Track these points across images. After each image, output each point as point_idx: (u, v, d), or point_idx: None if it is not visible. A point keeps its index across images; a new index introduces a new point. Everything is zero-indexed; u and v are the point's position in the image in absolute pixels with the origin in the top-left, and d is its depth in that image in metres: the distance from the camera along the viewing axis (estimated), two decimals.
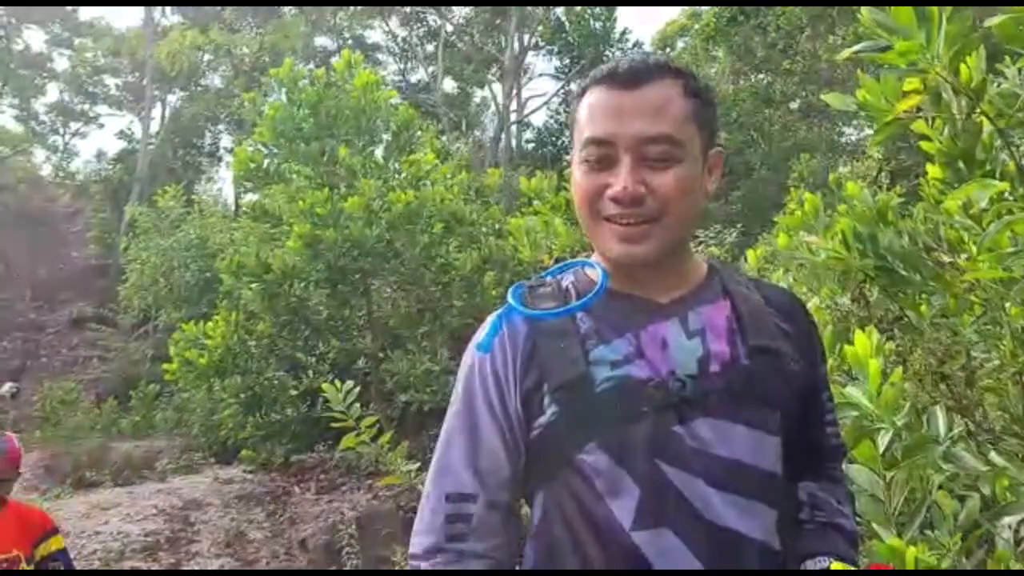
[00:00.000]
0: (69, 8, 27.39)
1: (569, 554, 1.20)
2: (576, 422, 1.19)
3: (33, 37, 27.42)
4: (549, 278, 1.36)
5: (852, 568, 1.21)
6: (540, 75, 30.43)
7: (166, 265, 14.48)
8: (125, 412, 15.58)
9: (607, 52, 20.72)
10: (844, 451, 1.41)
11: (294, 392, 10.03)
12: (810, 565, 1.23)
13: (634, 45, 20.55)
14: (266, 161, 10.02)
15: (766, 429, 1.20)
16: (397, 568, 5.88)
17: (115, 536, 7.39)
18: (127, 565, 7.18)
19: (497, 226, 10.01)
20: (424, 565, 1.26)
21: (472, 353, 1.32)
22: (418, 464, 7.12)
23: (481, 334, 1.32)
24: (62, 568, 2.98)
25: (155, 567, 7.37)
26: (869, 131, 8.74)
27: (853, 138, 14.74)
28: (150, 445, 13.38)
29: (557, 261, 7.78)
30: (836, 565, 1.19)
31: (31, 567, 2.85)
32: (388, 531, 7.47)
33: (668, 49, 13.11)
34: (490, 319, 1.32)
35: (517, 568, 1.29)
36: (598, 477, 1.18)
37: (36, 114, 29.40)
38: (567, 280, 1.34)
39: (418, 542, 1.28)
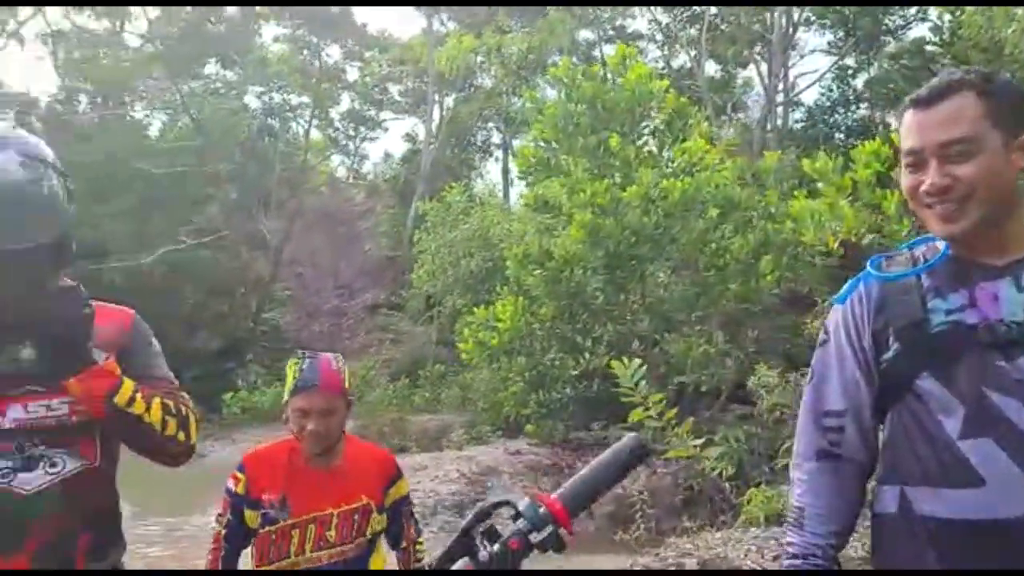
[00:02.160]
0: (360, 23, 30.37)
1: (912, 462, 1.50)
2: (913, 356, 1.52)
3: (332, 52, 30.53)
4: (905, 250, 1.68)
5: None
6: (811, 51, 28.99)
7: (452, 255, 15.79)
8: (415, 389, 17.25)
9: (885, 21, 19.41)
10: None
11: (573, 372, 10.64)
12: None
13: (917, 12, 19.06)
14: (546, 155, 10.71)
15: None
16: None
17: (428, 494, 8.38)
18: (440, 520, 8.12)
19: (772, 210, 9.93)
20: (807, 465, 1.62)
21: (834, 306, 1.68)
22: (702, 440, 7.42)
23: (842, 291, 1.67)
24: (412, 516, 2.63)
25: (461, 522, 8.24)
26: None
27: None
28: (441, 419, 14.76)
29: (842, 244, 7.62)
30: None
31: (381, 515, 2.47)
32: (669, 503, 7.78)
33: (958, 13, 12.07)
34: (849, 282, 1.67)
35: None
36: (931, 399, 1.48)
37: (332, 122, 32.95)
38: (919, 251, 1.64)
39: (803, 449, 1.65)
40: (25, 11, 27.27)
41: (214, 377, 18.52)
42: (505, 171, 29.11)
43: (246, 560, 2.45)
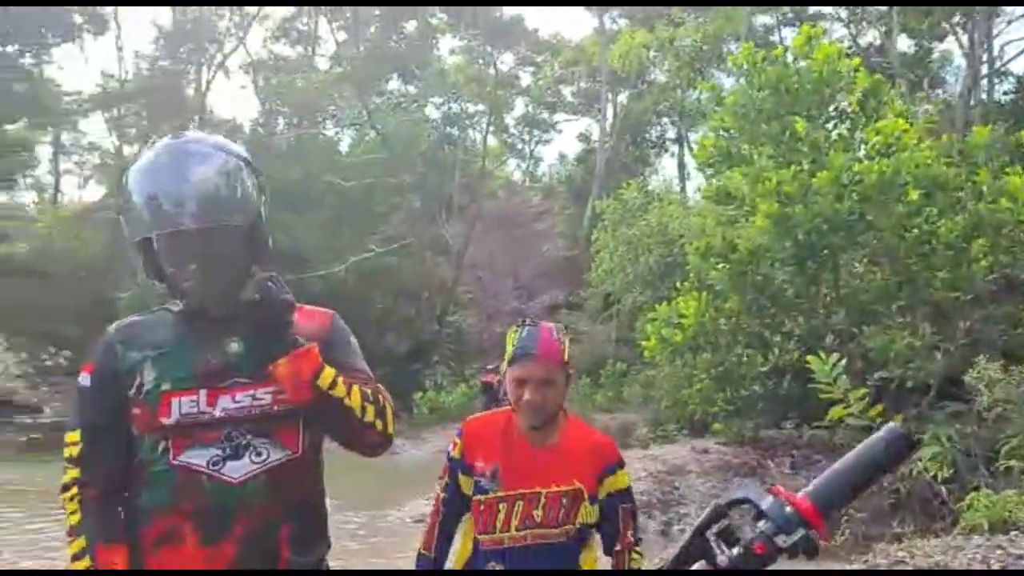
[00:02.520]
0: (531, 28, 30.80)
1: None
2: None
3: (506, 60, 31.14)
4: None
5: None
6: (1020, 17, 26.37)
7: (630, 252, 15.63)
8: (596, 388, 17.19)
9: None
10: None
11: (762, 369, 10.21)
12: None
13: None
14: (727, 145, 10.34)
15: None
16: None
17: None
18: None
19: (984, 188, 9.06)
20: None
21: None
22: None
23: None
24: (631, 511, 2.29)
25: (651, 524, 8.12)
26: None
27: None
28: (624, 418, 14.62)
29: None
30: None
31: (593, 507, 2.22)
32: (877, 507, 7.28)
33: None
34: None
35: None
36: None
37: (507, 128, 33.65)
38: None
39: None
40: (229, 44, 29.70)
41: (403, 378, 19.32)
42: (681, 165, 28.56)
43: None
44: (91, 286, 20.40)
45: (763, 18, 25.47)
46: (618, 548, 2.28)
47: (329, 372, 1.71)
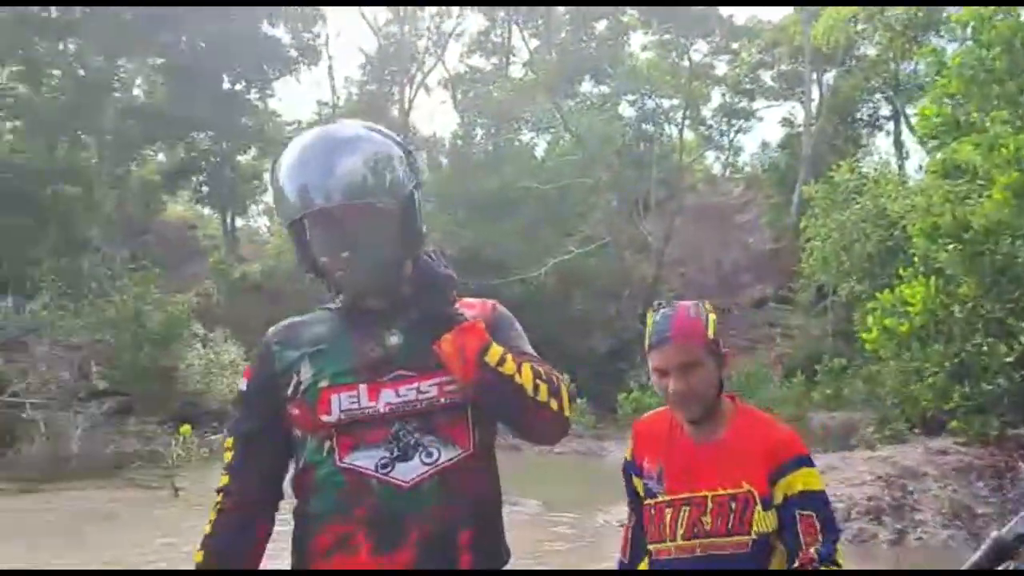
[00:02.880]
0: (725, 15, 29.75)
1: None
2: None
3: (700, 49, 30.29)
4: None
5: None
6: None
7: (845, 239, 14.59)
8: (813, 385, 16.20)
9: None
10: None
11: (1007, 360, 9.10)
12: None
13: None
14: (953, 113, 9.35)
15: None
16: None
17: (838, 498, 7.67)
18: (854, 527, 7.41)
19: None
20: None
21: None
22: None
23: None
24: (815, 519, 1.83)
25: (881, 531, 7.45)
26: None
27: None
28: (845, 416, 13.65)
29: None
30: None
31: (768, 512, 1.86)
32: None
33: None
34: None
35: None
36: None
37: (704, 119, 32.72)
38: None
39: None
40: (428, 62, 31.06)
41: (607, 378, 19.22)
42: (898, 143, 26.43)
43: None
44: (310, 300, 21.93)
45: None
46: (795, 565, 1.83)
47: (497, 349, 1.60)
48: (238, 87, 26.56)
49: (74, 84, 21.03)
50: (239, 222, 30.66)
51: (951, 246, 9.23)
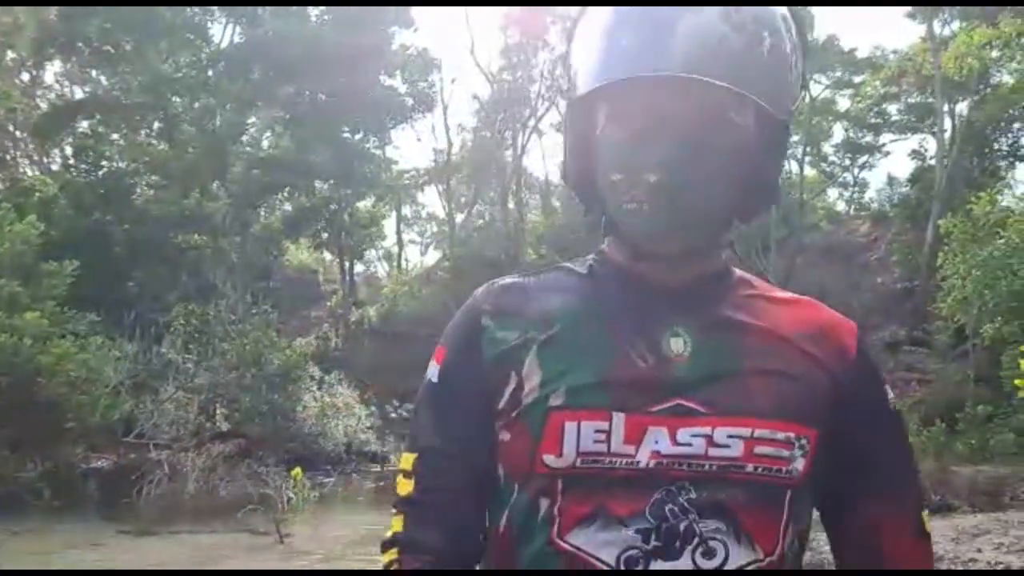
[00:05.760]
0: (847, 47, 28.71)
1: None
2: None
3: (819, 81, 29.30)
4: None
5: None
6: None
7: (987, 276, 13.55)
8: (954, 435, 15.06)
9: None
10: None
11: None
12: None
13: None
14: None
15: None
16: None
17: (990, 564, 6.86)
18: None
19: None
20: None
21: None
22: None
23: None
24: None
25: None
26: None
27: None
28: (994, 471, 12.53)
29: None
30: None
31: None
32: None
33: None
34: None
35: None
36: None
37: (826, 156, 31.60)
38: None
39: None
40: (541, 106, 31.28)
41: None
42: None
43: None
44: (428, 343, 22.11)
45: None
46: None
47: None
48: (357, 136, 27.46)
49: (205, 139, 22.22)
50: (358, 267, 31.53)
51: None
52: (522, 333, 0.99)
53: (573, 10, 1.00)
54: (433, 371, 1.06)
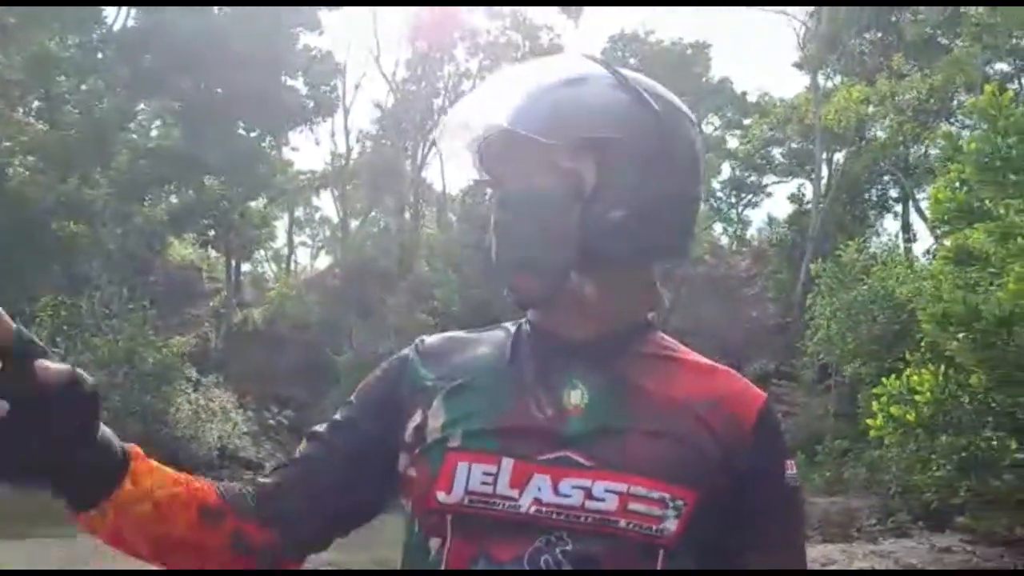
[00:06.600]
0: (739, 91, 30.14)
1: None
2: None
3: (713, 122, 30.60)
4: None
5: None
6: None
7: (851, 319, 14.41)
8: (813, 467, 15.82)
9: None
10: None
11: (1018, 456, 8.81)
12: None
13: None
14: (967, 199, 9.22)
15: None
16: None
17: None
18: None
19: None
20: None
21: None
22: None
23: None
24: None
25: None
26: None
27: None
28: (846, 504, 13.27)
29: None
30: None
31: None
32: None
33: None
34: None
35: None
36: None
37: (714, 191, 32.92)
38: None
39: None
40: (443, 119, 31.39)
41: None
42: (906, 226, 26.52)
43: None
44: (313, 349, 21.77)
45: (999, 65, 23.31)
46: None
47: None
48: (252, 134, 26.77)
49: (89, 122, 21.20)
50: (245, 267, 30.63)
51: (962, 335, 9.00)
52: (437, 377, 1.05)
53: (481, 25, 1.20)
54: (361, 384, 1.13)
